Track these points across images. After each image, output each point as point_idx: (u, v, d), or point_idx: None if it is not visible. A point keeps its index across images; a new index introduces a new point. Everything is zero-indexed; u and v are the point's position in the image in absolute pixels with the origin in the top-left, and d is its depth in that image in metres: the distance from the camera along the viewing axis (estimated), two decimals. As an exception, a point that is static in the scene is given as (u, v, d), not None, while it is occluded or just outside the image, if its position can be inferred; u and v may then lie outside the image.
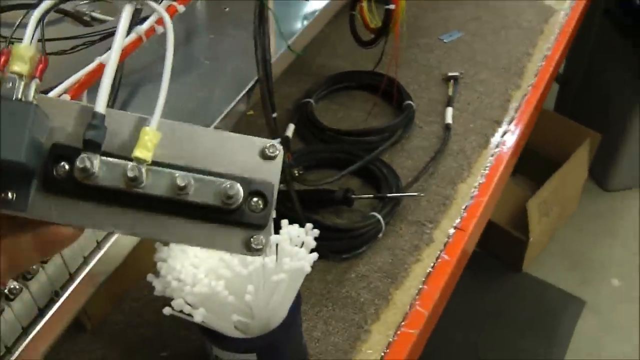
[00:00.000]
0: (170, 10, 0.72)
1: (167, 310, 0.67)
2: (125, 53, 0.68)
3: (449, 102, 1.19)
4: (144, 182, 0.40)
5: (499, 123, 1.17)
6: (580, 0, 1.50)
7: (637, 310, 2.00)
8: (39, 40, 0.41)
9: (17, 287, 0.58)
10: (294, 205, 0.86)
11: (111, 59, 0.41)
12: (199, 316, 0.65)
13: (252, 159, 0.42)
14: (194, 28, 0.94)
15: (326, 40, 1.32)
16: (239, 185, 0.41)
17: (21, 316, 0.59)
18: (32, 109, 0.38)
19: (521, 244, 1.99)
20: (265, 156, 0.42)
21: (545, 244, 2.13)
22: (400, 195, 1.00)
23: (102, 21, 0.93)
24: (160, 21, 0.71)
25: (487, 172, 1.09)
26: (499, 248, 2.05)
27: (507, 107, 1.21)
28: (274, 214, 0.42)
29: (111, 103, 0.78)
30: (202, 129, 0.42)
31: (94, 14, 0.93)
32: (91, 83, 0.65)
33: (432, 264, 0.95)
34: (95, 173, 0.39)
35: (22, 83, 0.38)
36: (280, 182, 0.92)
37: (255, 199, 0.41)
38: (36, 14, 0.41)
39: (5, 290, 0.58)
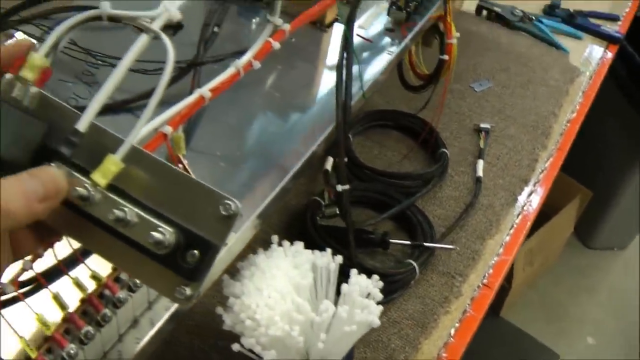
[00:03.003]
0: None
1: (236, 347, 0.67)
2: (223, 86, 0.68)
3: (480, 155, 1.21)
4: (93, 203, 0.41)
5: (526, 182, 1.20)
6: (603, 67, 1.55)
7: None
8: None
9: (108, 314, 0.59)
10: (350, 248, 0.87)
11: (109, 82, 0.44)
12: (269, 357, 0.66)
13: (209, 211, 0.41)
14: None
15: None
16: (168, 234, 0.41)
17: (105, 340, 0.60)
18: (17, 114, 0.41)
19: (503, 289, 2.02)
20: (221, 212, 0.41)
21: (524, 292, 2.16)
22: (437, 247, 1.01)
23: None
24: (257, 56, 0.71)
25: (512, 231, 1.11)
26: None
27: (534, 167, 1.23)
28: (209, 271, 0.41)
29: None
30: (171, 167, 0.42)
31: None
32: (190, 115, 0.65)
33: (459, 318, 0.97)
34: None
35: (23, 88, 0.42)
36: (330, 215, 0.94)
37: (192, 252, 0.41)
38: (58, 30, 0.43)
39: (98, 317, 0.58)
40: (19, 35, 0.86)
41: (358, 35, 0.95)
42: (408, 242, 1.01)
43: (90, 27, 0.45)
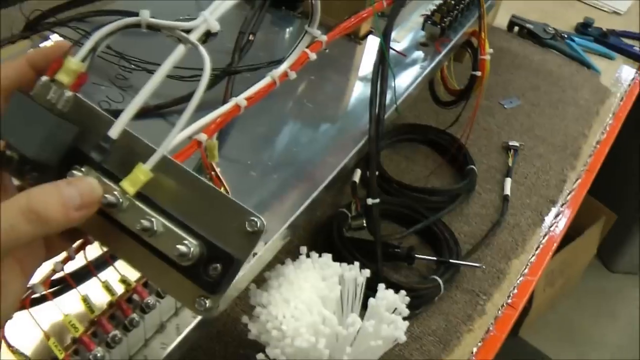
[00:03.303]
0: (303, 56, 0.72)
1: (260, 357, 0.67)
2: (259, 96, 0.68)
3: (508, 173, 1.21)
4: (121, 210, 0.42)
5: (553, 203, 1.19)
6: (634, 88, 1.53)
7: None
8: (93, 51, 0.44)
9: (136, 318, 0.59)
10: (378, 262, 0.87)
11: (143, 90, 0.43)
12: (293, 369, 0.66)
13: (234, 225, 0.41)
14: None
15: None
16: (192, 248, 0.41)
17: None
18: (50, 117, 0.42)
19: (523, 309, 2.00)
20: (246, 228, 0.41)
21: (544, 313, 2.15)
22: (462, 264, 1.00)
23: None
24: (293, 66, 0.71)
25: (538, 252, 1.10)
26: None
27: (562, 188, 1.22)
28: (229, 285, 0.42)
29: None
30: (202, 180, 0.42)
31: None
32: (225, 123, 0.65)
33: (482, 337, 0.96)
34: None
35: (58, 91, 0.42)
36: (357, 227, 0.94)
37: (215, 265, 0.41)
38: (96, 35, 0.43)
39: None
40: (55, 38, 0.86)
41: (392, 48, 0.95)
42: (434, 258, 1.01)
43: (125, 32, 0.45)
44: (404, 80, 0.93)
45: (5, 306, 0.42)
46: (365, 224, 1.00)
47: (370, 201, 0.82)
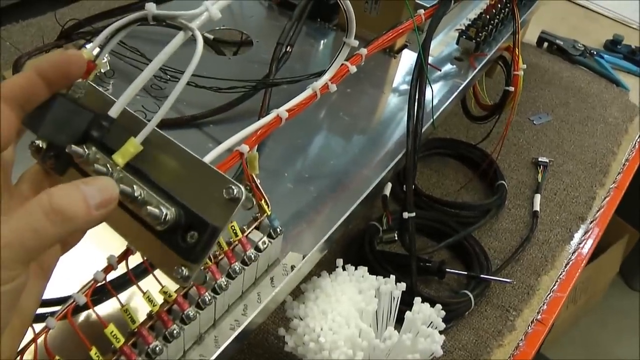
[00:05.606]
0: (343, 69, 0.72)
1: (297, 369, 0.67)
2: (299, 108, 0.68)
3: (538, 189, 1.20)
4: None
5: (582, 220, 1.18)
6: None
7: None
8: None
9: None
10: (412, 276, 0.86)
11: (145, 72, 0.44)
12: (330, 382, 0.65)
13: (214, 194, 0.42)
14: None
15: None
16: (166, 211, 0.42)
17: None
18: (57, 101, 0.45)
19: (546, 325, 2.00)
20: (227, 195, 0.42)
21: (566, 330, 2.13)
22: (493, 279, 1.00)
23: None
24: (334, 79, 0.71)
25: (567, 268, 1.10)
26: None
27: (592, 205, 1.22)
28: (208, 253, 0.43)
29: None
30: (188, 152, 0.44)
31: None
32: (267, 134, 0.65)
33: (511, 352, 0.96)
34: (87, 159, 0.45)
35: None
36: (388, 241, 0.94)
37: (192, 233, 0.42)
38: (108, 30, 0.48)
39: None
40: (89, 47, 0.87)
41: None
42: (464, 273, 1.00)
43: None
44: (440, 94, 0.93)
45: (28, 307, 0.44)
46: (396, 238, 1.00)
47: (406, 215, 0.82)
